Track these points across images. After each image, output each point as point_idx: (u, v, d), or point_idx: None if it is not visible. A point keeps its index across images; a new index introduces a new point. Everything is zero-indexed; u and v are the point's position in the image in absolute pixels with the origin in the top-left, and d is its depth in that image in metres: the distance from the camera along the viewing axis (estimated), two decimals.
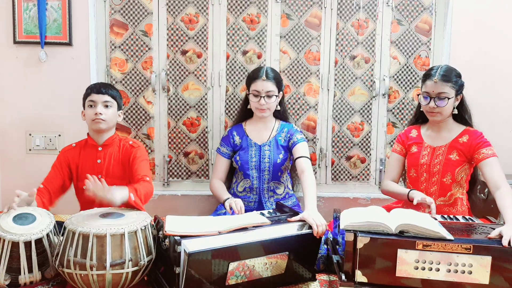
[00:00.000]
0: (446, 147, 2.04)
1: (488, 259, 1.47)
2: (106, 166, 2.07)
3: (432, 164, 2.05)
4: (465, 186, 2.07)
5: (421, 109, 2.09)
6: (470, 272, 1.48)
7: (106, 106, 2.04)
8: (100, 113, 2.01)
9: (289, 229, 1.72)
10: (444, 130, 2.07)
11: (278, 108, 2.31)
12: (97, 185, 1.67)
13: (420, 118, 2.18)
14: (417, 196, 1.91)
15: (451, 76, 1.97)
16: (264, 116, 2.27)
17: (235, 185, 2.37)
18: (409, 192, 2.00)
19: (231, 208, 2.05)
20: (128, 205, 1.78)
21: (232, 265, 1.54)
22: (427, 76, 2.01)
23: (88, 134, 2.12)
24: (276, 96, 2.25)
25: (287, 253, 1.64)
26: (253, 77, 2.26)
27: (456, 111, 2.02)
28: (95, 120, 2.02)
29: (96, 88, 2.06)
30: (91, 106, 2.04)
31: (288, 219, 1.79)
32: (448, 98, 1.95)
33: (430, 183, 2.06)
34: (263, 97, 2.20)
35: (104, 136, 2.09)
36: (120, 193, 1.72)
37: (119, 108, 2.12)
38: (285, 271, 1.67)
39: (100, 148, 2.09)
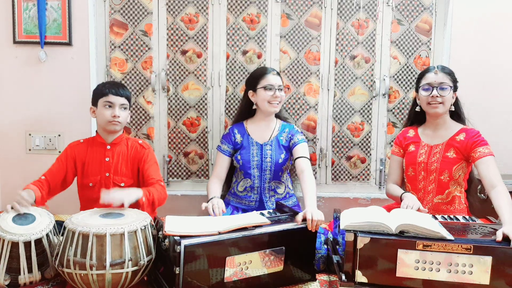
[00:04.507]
0: (443, 145, 2.04)
1: (488, 260, 1.47)
2: (115, 164, 2.08)
3: (429, 162, 2.05)
4: (463, 185, 2.07)
5: (416, 110, 2.13)
6: (471, 273, 1.48)
7: (122, 108, 2.06)
8: (118, 116, 2.03)
9: (287, 227, 1.73)
10: (442, 128, 2.08)
11: None
12: (116, 197, 1.76)
13: (415, 121, 2.20)
14: (403, 204, 1.92)
15: (449, 70, 2.06)
16: (276, 111, 2.30)
17: (235, 185, 2.37)
18: (401, 195, 2.03)
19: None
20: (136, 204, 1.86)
21: (231, 265, 1.54)
22: (426, 71, 2.08)
23: (97, 131, 2.12)
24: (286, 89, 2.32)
25: (283, 248, 1.64)
26: (261, 73, 2.28)
27: (453, 108, 2.06)
28: (112, 122, 2.03)
29: (115, 89, 2.05)
30: (108, 106, 2.04)
31: (294, 219, 1.79)
32: (450, 87, 2.00)
33: (427, 181, 2.06)
34: (277, 89, 2.23)
35: (114, 135, 2.10)
36: (136, 195, 1.85)
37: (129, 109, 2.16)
38: (284, 270, 1.67)
39: (108, 147, 2.09)
